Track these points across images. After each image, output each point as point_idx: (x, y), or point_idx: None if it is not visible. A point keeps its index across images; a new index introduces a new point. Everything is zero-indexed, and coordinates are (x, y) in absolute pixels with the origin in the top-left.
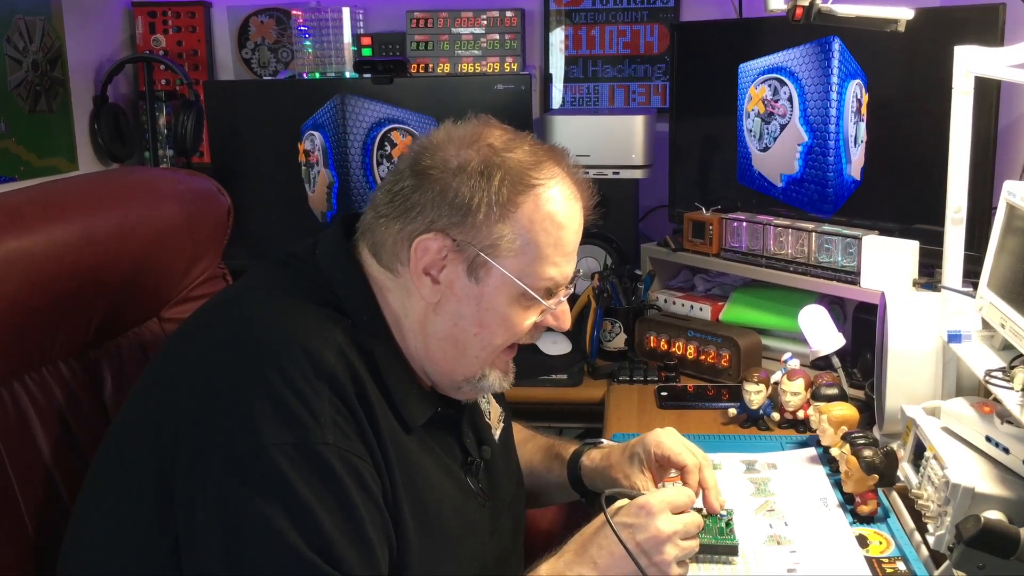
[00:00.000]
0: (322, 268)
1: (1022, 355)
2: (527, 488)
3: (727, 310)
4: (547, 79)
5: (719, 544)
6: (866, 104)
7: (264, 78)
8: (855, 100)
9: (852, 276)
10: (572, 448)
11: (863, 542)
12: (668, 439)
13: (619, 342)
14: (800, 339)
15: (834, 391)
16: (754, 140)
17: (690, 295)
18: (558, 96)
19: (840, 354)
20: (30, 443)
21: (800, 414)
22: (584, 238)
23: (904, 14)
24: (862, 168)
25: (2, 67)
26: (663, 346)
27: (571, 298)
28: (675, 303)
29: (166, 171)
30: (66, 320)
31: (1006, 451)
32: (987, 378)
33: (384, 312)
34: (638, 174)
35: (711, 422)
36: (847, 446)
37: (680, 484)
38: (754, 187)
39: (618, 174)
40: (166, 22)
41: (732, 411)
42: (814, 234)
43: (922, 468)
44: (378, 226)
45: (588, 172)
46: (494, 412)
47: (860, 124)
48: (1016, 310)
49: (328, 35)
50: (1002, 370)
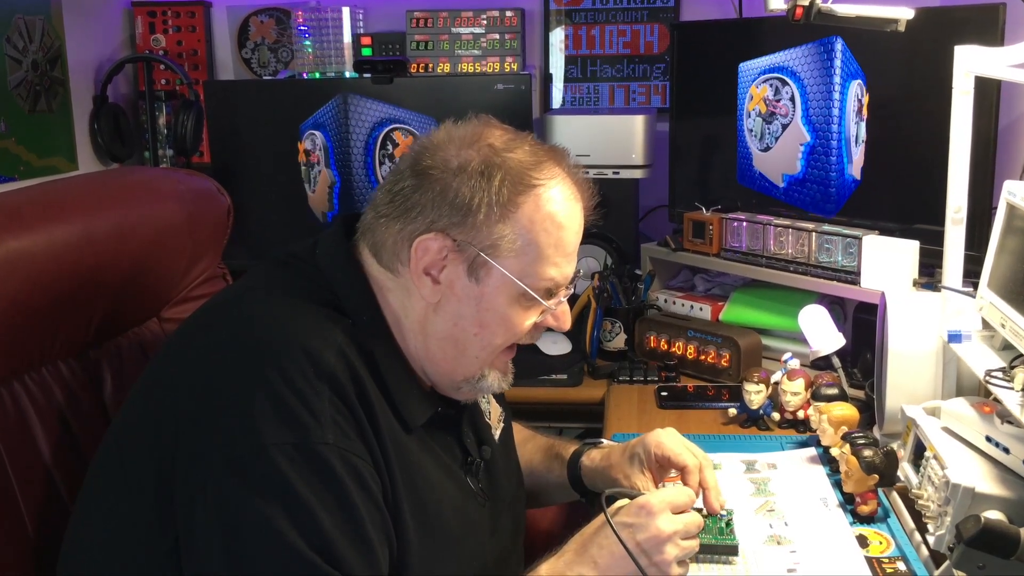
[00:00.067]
0: (322, 268)
1: (1022, 355)
2: (527, 488)
3: (727, 310)
4: (547, 79)
5: (719, 544)
6: (867, 104)
7: (264, 78)
8: (856, 100)
9: (852, 276)
10: (572, 448)
11: (863, 542)
12: (668, 439)
13: (619, 342)
14: (800, 339)
15: (834, 391)
16: (755, 140)
17: (690, 295)
18: (558, 96)
19: (840, 354)
20: (30, 443)
21: (800, 414)
22: (584, 238)
23: (904, 14)
24: (862, 168)
25: (2, 67)
26: (663, 346)
27: (571, 298)
28: (675, 303)
29: (166, 171)
30: (66, 320)
31: (1006, 451)
32: (987, 378)
33: (384, 312)
34: (638, 174)
35: (711, 422)
36: (847, 446)
37: (680, 484)
38: (755, 187)
39: (618, 174)
40: (166, 22)
41: (732, 411)
42: (814, 234)
43: (922, 468)
44: (378, 226)
45: (588, 172)
46: (494, 412)
47: (861, 124)
48: (1016, 310)
49: (328, 35)
50: (1002, 370)
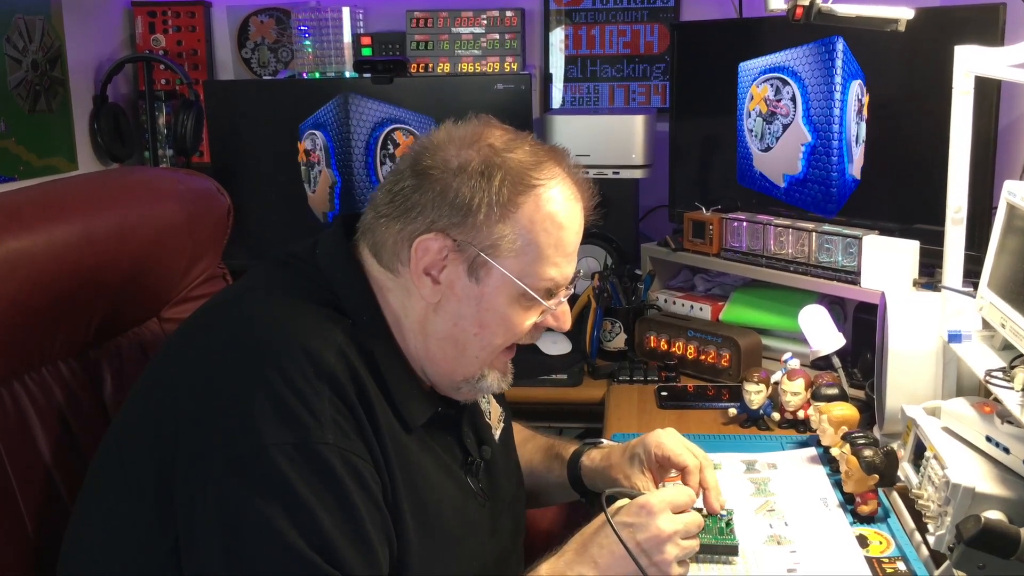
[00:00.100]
0: (322, 268)
1: (1022, 355)
2: (527, 488)
3: (727, 310)
4: (547, 79)
5: (719, 544)
6: (867, 104)
7: (264, 78)
8: (857, 100)
9: (852, 276)
10: (572, 448)
11: (863, 542)
12: (669, 440)
13: (619, 342)
14: (800, 339)
15: (834, 391)
16: (755, 140)
17: (690, 295)
18: (558, 96)
19: (840, 354)
20: (30, 443)
21: (800, 414)
22: (584, 238)
23: (904, 14)
24: (862, 168)
25: (2, 67)
26: (663, 346)
27: (571, 298)
28: (675, 303)
29: (166, 171)
30: (66, 320)
31: (1006, 451)
32: (987, 378)
33: (384, 312)
34: (638, 174)
35: (711, 422)
36: (847, 446)
37: (680, 484)
38: (755, 187)
39: (618, 174)
40: (166, 22)
41: (732, 411)
42: (814, 234)
43: (922, 468)
44: (378, 226)
45: (588, 172)
46: (494, 412)
47: (862, 124)
48: (1016, 310)
49: (328, 35)
50: (1002, 370)
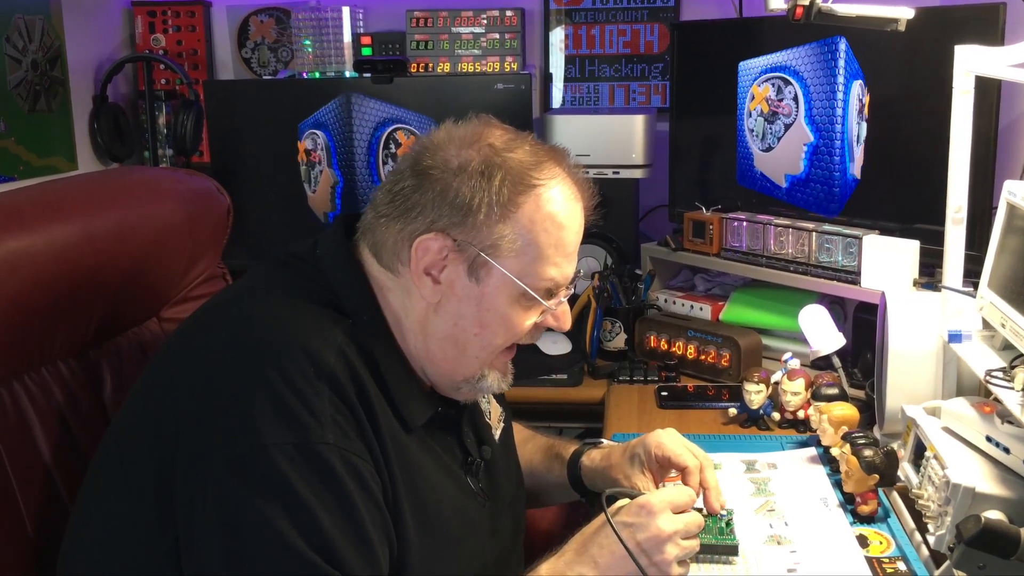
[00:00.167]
0: (322, 268)
1: (1022, 355)
2: (527, 488)
3: (727, 310)
4: (547, 79)
5: (719, 544)
6: (868, 104)
7: (264, 78)
8: (858, 100)
9: (852, 276)
10: (572, 448)
11: (863, 542)
12: (669, 440)
13: (619, 342)
14: (800, 339)
15: (834, 391)
16: (756, 140)
17: (690, 295)
18: (558, 96)
19: (840, 354)
20: (30, 443)
21: (800, 414)
22: (584, 238)
23: (904, 13)
24: (862, 167)
25: (2, 67)
26: (663, 346)
27: (571, 298)
28: (675, 303)
29: (166, 171)
30: (66, 320)
31: (1006, 451)
32: (987, 378)
33: (384, 312)
34: (638, 174)
35: (711, 422)
36: (847, 446)
37: (680, 484)
38: (756, 188)
39: (618, 174)
40: (166, 21)
41: (732, 411)
42: (814, 234)
43: (922, 468)
44: (379, 226)
45: (588, 172)
46: (494, 412)
47: (863, 124)
48: (1017, 310)
49: (328, 34)
50: (1002, 370)
